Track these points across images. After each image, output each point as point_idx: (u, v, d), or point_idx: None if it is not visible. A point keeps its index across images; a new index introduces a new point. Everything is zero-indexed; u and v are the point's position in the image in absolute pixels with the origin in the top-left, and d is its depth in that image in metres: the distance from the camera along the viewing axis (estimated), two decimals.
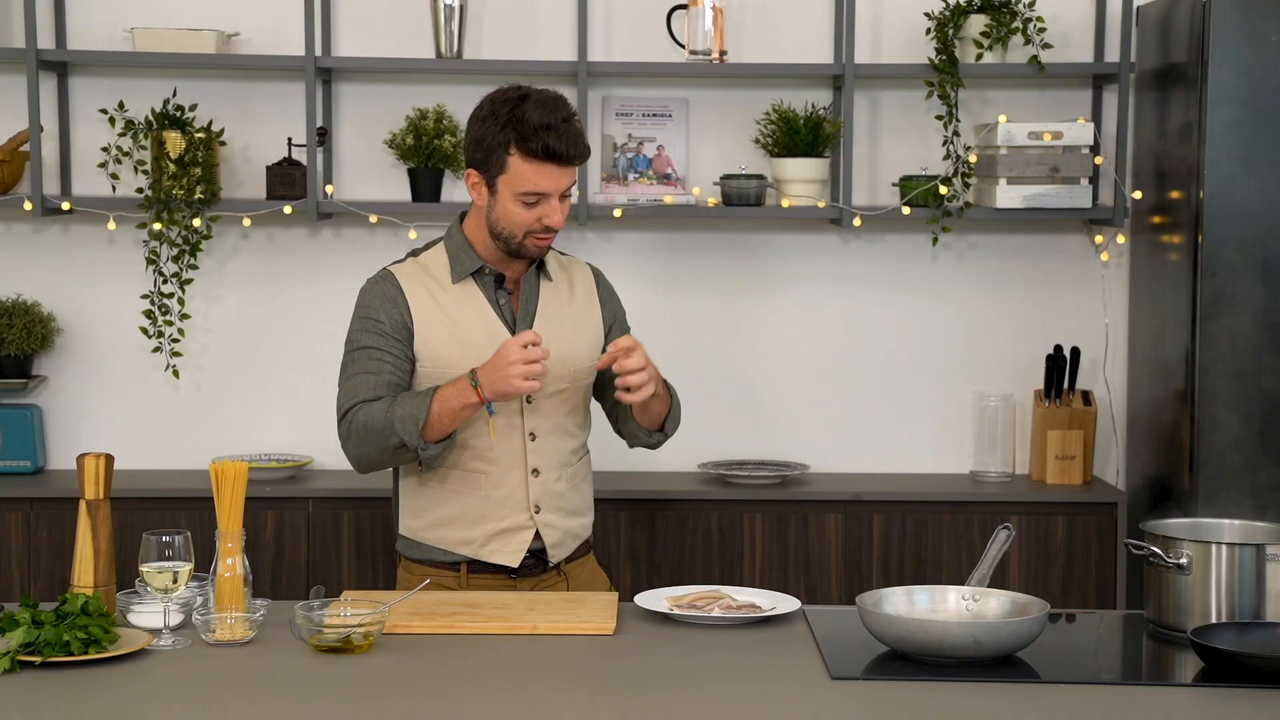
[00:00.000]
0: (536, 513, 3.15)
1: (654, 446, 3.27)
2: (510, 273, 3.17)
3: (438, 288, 3.15)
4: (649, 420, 3.20)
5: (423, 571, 3.19)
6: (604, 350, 3.17)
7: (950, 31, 4.39)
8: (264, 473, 4.36)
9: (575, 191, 3.23)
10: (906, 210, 4.41)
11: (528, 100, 3.04)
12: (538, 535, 3.15)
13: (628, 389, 3.00)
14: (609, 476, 4.23)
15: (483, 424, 3.09)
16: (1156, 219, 4.41)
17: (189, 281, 4.46)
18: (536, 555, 3.16)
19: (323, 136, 4.46)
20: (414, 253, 3.24)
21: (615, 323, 3.29)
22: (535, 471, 3.14)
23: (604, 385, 3.23)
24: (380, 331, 3.15)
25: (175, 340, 4.49)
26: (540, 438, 3.14)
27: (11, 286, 4.55)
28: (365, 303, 3.19)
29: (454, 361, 3.10)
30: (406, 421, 3.02)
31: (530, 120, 3.01)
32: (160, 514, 4.23)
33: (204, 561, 2.84)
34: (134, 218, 4.46)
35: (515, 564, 3.14)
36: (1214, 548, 2.76)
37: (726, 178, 4.44)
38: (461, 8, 4.37)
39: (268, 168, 4.43)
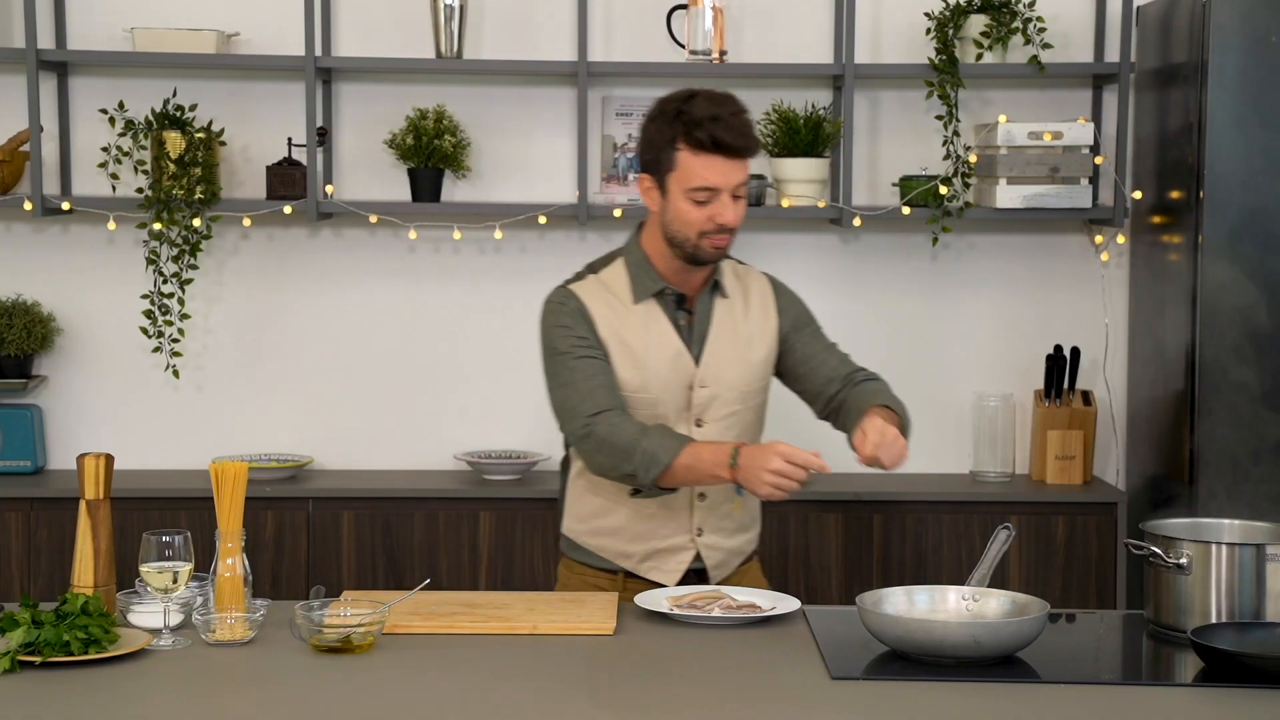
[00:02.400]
0: (699, 535, 3.11)
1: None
2: (689, 290, 3.08)
3: (621, 307, 3.07)
4: None
5: (581, 571, 3.17)
6: (781, 364, 3.14)
7: (950, 31, 4.39)
8: (264, 473, 4.36)
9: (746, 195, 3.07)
10: (906, 210, 4.41)
11: (696, 97, 2.98)
12: (698, 556, 3.12)
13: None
14: None
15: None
16: (1156, 219, 4.41)
17: (189, 281, 4.46)
18: (697, 574, 3.12)
19: (323, 136, 4.46)
20: (592, 268, 3.14)
21: (794, 329, 3.17)
22: (702, 495, 3.09)
23: (813, 394, 3.15)
24: (584, 342, 3.04)
25: (175, 340, 4.49)
26: None
27: (11, 286, 4.55)
28: (557, 322, 3.06)
29: (633, 382, 3.04)
30: (648, 459, 2.93)
31: (696, 113, 2.95)
32: (160, 514, 4.23)
33: (204, 561, 2.84)
34: (134, 218, 4.47)
35: (672, 583, 3.09)
36: (1214, 548, 2.76)
37: None
38: (461, 8, 4.37)
39: (268, 168, 4.43)
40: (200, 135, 4.36)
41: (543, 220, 4.45)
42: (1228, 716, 2.41)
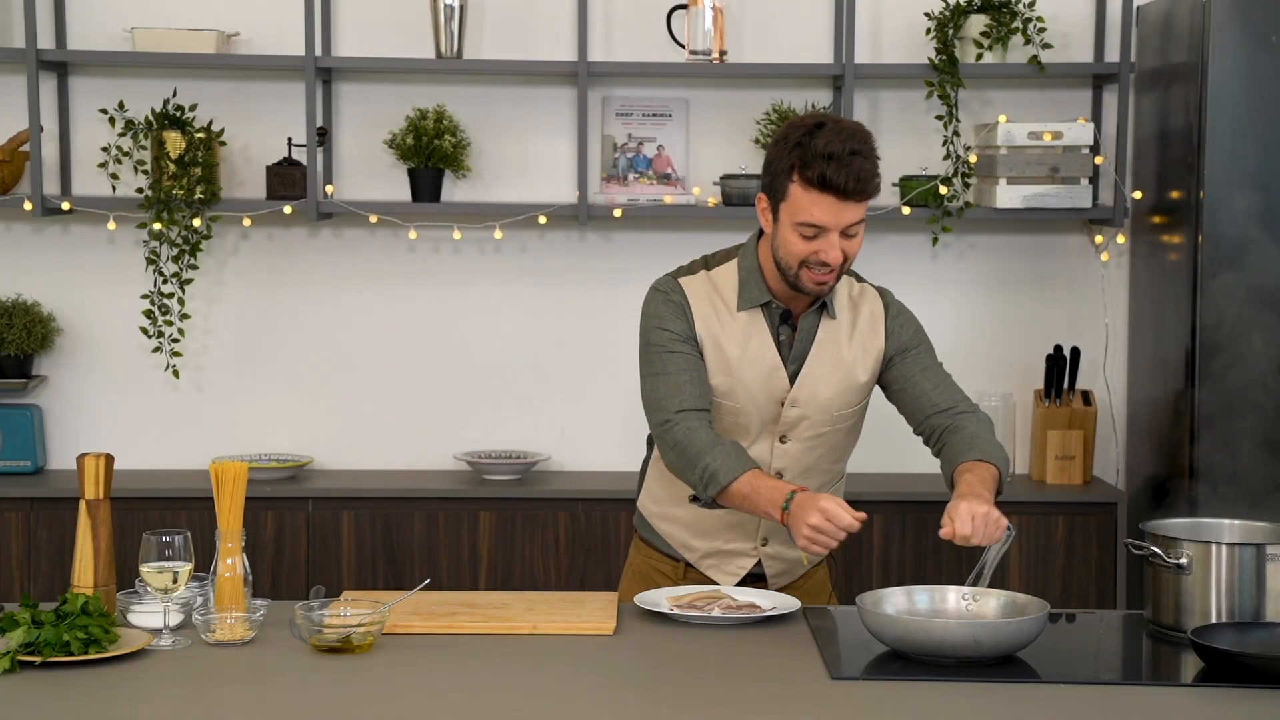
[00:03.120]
0: (763, 545, 3.10)
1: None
2: (796, 307, 3.03)
3: (725, 310, 3.03)
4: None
5: (648, 553, 3.17)
6: (884, 380, 3.08)
7: (950, 31, 4.39)
8: (264, 473, 4.36)
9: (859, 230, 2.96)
10: (906, 210, 4.41)
11: (823, 128, 2.88)
12: (759, 563, 3.11)
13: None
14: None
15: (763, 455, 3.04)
16: (1156, 219, 4.41)
17: (189, 281, 4.45)
18: (756, 578, 3.12)
19: (323, 136, 4.46)
20: (706, 262, 3.09)
21: (903, 352, 3.08)
22: None
23: (910, 416, 3.09)
24: (678, 330, 3.01)
25: (175, 340, 4.49)
26: (787, 477, 3.04)
27: (11, 286, 4.55)
28: (657, 312, 3.03)
29: (722, 389, 3.01)
30: (709, 475, 2.91)
31: (815, 147, 2.84)
32: (160, 514, 4.23)
33: (204, 561, 2.84)
34: (134, 218, 4.46)
35: (730, 584, 3.08)
36: (1214, 548, 2.76)
37: (726, 178, 4.44)
38: (461, 8, 4.37)
39: (268, 168, 4.43)
40: (200, 135, 4.36)
41: (543, 220, 4.45)
42: (1228, 716, 2.41)
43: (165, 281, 4.46)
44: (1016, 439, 4.62)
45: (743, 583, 3.10)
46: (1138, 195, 4.43)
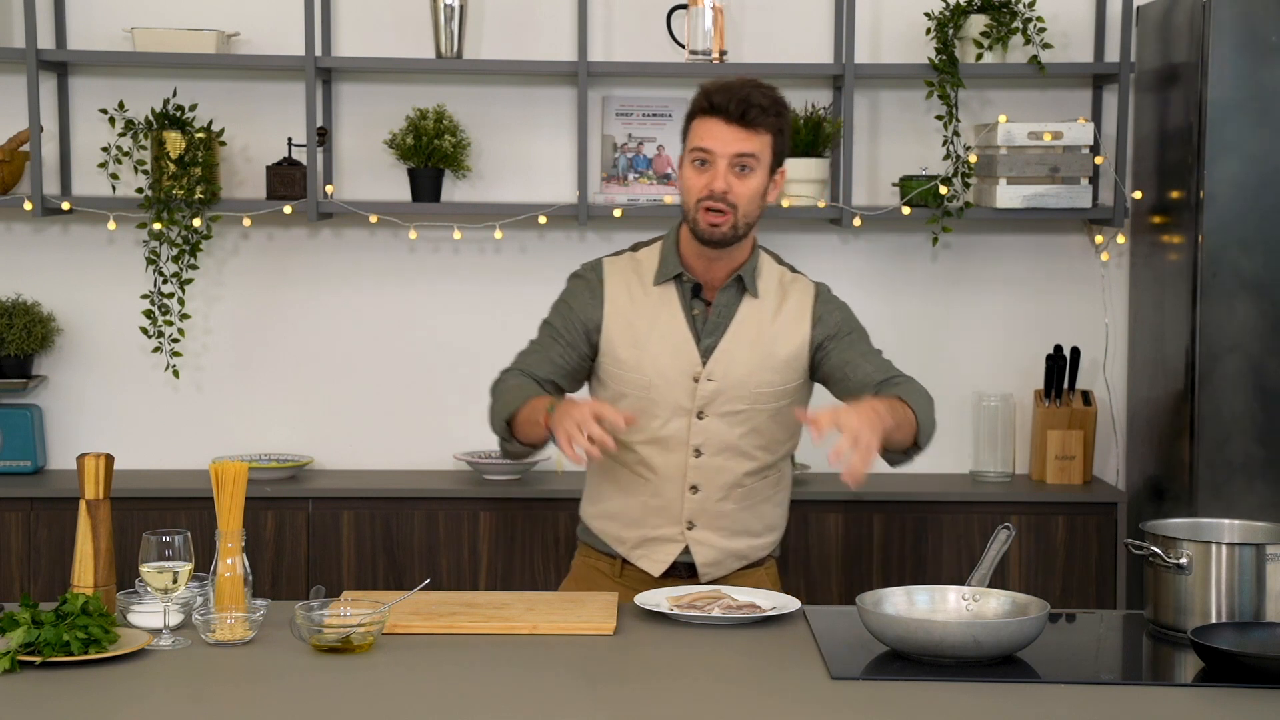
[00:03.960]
0: (689, 529, 3.11)
1: (909, 458, 3.12)
2: (711, 281, 3.09)
3: (639, 287, 3.11)
4: (896, 444, 3.01)
5: (588, 554, 3.22)
6: (810, 367, 3.11)
7: (950, 31, 4.39)
8: (264, 473, 4.36)
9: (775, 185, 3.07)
10: (906, 210, 4.41)
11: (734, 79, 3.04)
12: (687, 550, 3.12)
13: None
14: None
15: (653, 426, 3.08)
16: (1156, 219, 4.41)
17: (189, 281, 4.46)
18: (689, 567, 3.13)
19: (323, 136, 4.46)
20: (635, 247, 3.19)
21: (834, 338, 3.10)
22: (694, 488, 3.09)
23: (850, 399, 3.05)
24: (567, 315, 3.13)
25: (175, 340, 4.49)
26: (706, 455, 3.07)
27: (11, 286, 4.55)
28: (568, 288, 3.18)
29: (629, 362, 3.06)
30: (501, 408, 3.04)
31: (715, 84, 3.02)
32: (160, 514, 4.23)
33: (204, 561, 2.84)
34: (134, 218, 4.47)
35: (657, 574, 3.12)
36: (1214, 548, 2.76)
37: None
38: (461, 8, 4.37)
39: (268, 168, 4.43)
40: (200, 135, 4.36)
41: (543, 220, 4.45)
42: (1228, 716, 2.41)
43: (165, 281, 4.46)
44: (1016, 439, 4.62)
45: (671, 571, 3.12)
46: (1138, 195, 4.44)
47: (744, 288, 3.10)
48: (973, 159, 4.44)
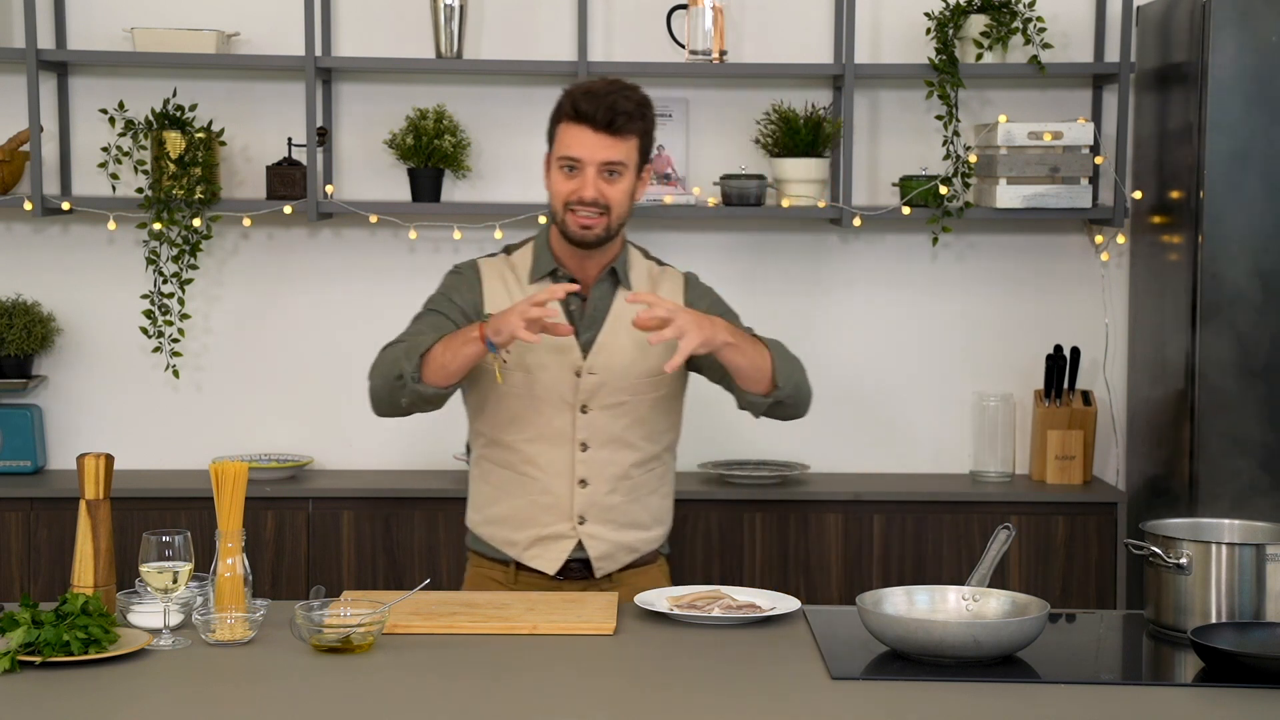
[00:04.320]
0: (581, 523, 3.13)
1: (778, 413, 3.14)
2: (584, 277, 3.13)
3: (516, 285, 3.15)
4: (752, 383, 3.06)
5: (479, 563, 3.23)
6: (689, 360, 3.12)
7: (950, 31, 4.39)
8: (264, 473, 4.36)
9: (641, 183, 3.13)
10: (906, 210, 4.41)
11: (597, 80, 3.08)
12: (581, 545, 3.14)
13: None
14: None
15: (538, 423, 3.08)
16: (1156, 219, 4.41)
17: (189, 281, 4.46)
18: (583, 564, 3.15)
19: (323, 136, 4.46)
20: (507, 250, 3.23)
21: None
22: (583, 482, 3.12)
23: (706, 365, 3.13)
24: (451, 302, 3.15)
25: (175, 340, 4.49)
26: (592, 449, 3.11)
27: (11, 286, 4.55)
28: (446, 283, 3.21)
29: (510, 361, 3.08)
30: (409, 351, 3.01)
31: (579, 89, 3.05)
32: (160, 514, 4.23)
33: (204, 561, 2.84)
34: (134, 218, 4.47)
35: (552, 571, 3.13)
36: (1214, 548, 2.76)
37: (726, 178, 4.44)
38: (461, 8, 4.37)
39: (268, 168, 4.43)
40: (200, 135, 4.36)
41: (543, 220, 4.44)
42: (1228, 716, 2.41)
43: (165, 281, 4.46)
44: (1016, 439, 4.62)
45: (566, 569, 3.12)
46: (1138, 195, 4.43)
47: (618, 281, 3.16)
48: (973, 159, 4.44)
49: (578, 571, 3.15)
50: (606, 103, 3.02)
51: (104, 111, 4.43)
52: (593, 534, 3.14)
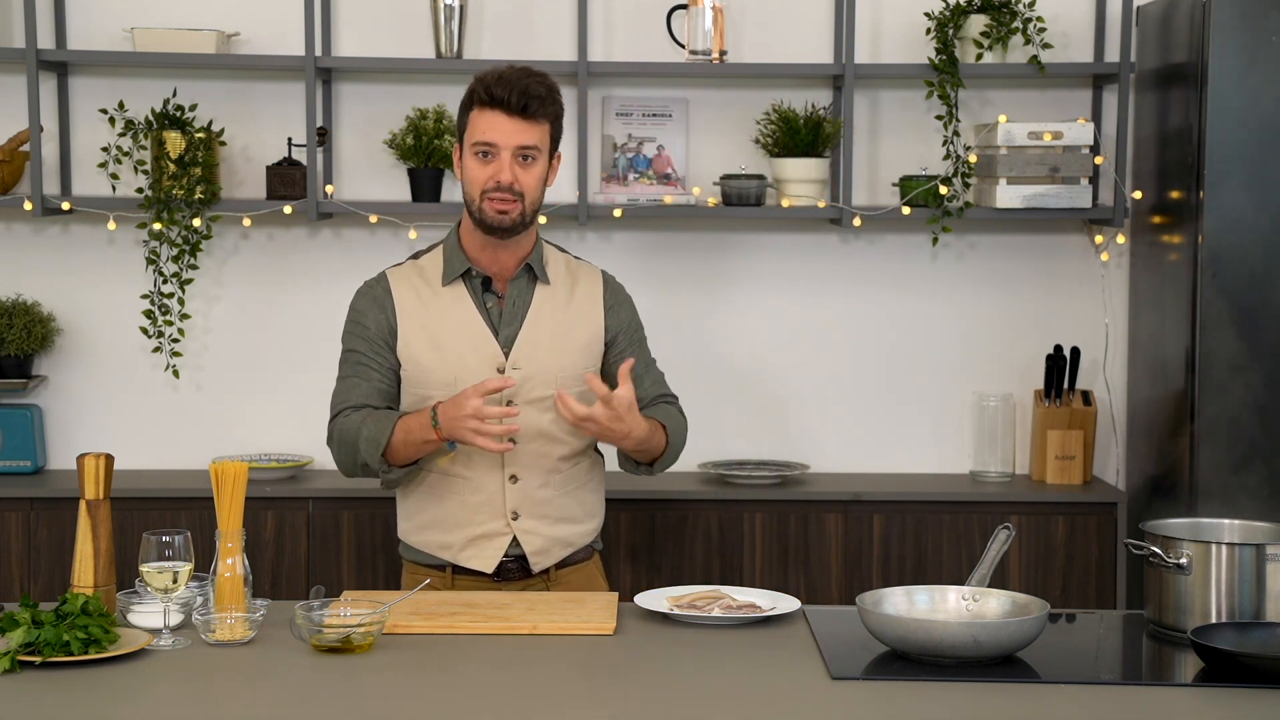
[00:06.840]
0: (514, 519, 3.14)
1: (639, 473, 3.25)
2: (500, 273, 3.15)
3: (427, 291, 3.15)
4: (641, 456, 3.17)
5: (414, 570, 3.23)
6: (606, 363, 3.19)
7: (950, 31, 4.39)
8: (264, 473, 4.36)
9: (554, 172, 3.16)
10: (906, 210, 4.41)
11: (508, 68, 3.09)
12: (516, 541, 3.15)
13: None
14: (608, 477, 4.22)
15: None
16: (1156, 219, 4.41)
17: (189, 281, 4.46)
18: (519, 561, 3.16)
19: (323, 136, 4.46)
20: (415, 255, 3.24)
21: (623, 334, 3.22)
22: (514, 478, 3.14)
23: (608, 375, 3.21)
24: (367, 337, 3.17)
25: (175, 340, 4.50)
26: (521, 443, 3.11)
27: (11, 286, 4.55)
28: (356, 306, 3.22)
29: (432, 367, 3.11)
30: (369, 444, 3.05)
31: (490, 75, 3.06)
32: (160, 514, 4.23)
33: (204, 561, 2.84)
34: (134, 218, 4.47)
35: (490, 570, 3.14)
36: (1214, 548, 2.76)
37: (726, 178, 4.44)
38: (461, 8, 4.37)
39: (268, 168, 4.43)
40: (200, 135, 4.36)
41: (543, 220, 4.45)
42: (1228, 716, 2.41)
43: (165, 281, 4.46)
44: (1016, 439, 4.62)
45: (502, 569, 3.13)
46: (1138, 195, 4.44)
47: (535, 276, 3.16)
48: (973, 159, 4.44)
49: (515, 570, 3.16)
50: (519, 87, 3.03)
51: (104, 111, 4.43)
52: (527, 529, 3.14)
